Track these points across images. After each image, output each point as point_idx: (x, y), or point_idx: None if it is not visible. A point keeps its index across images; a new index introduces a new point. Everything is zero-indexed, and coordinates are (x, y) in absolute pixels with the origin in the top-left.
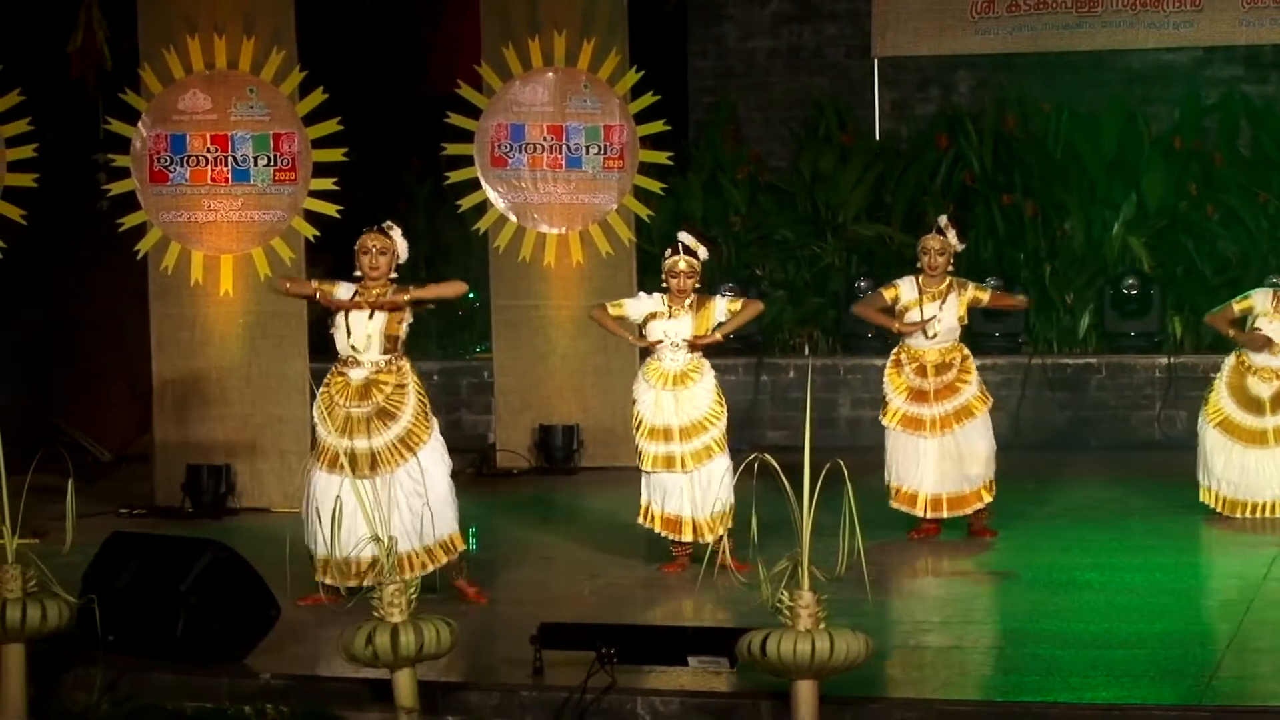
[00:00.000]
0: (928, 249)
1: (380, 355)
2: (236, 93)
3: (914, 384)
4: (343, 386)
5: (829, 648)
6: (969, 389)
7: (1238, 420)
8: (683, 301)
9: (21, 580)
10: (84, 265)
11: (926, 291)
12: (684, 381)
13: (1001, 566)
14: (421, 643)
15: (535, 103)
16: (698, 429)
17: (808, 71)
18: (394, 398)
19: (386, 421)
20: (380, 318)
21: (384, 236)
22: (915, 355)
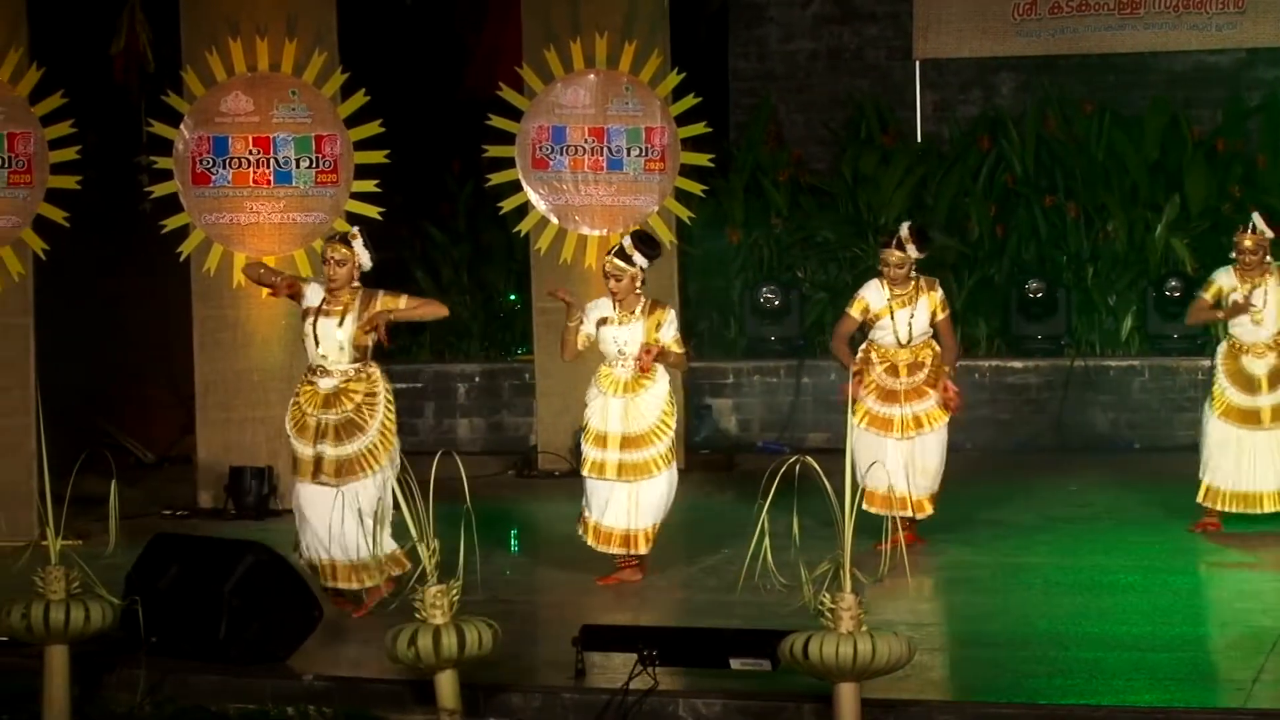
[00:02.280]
0: (887, 262)
1: (350, 364)
2: (278, 95)
3: (884, 383)
4: (311, 396)
5: (871, 650)
6: (932, 398)
7: (1238, 403)
8: (631, 308)
9: (65, 581)
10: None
11: (895, 298)
12: (635, 389)
13: (1044, 568)
14: (463, 644)
15: (576, 105)
16: (641, 441)
17: (849, 73)
18: (364, 409)
19: (353, 433)
20: (349, 326)
21: (343, 247)
22: (886, 355)
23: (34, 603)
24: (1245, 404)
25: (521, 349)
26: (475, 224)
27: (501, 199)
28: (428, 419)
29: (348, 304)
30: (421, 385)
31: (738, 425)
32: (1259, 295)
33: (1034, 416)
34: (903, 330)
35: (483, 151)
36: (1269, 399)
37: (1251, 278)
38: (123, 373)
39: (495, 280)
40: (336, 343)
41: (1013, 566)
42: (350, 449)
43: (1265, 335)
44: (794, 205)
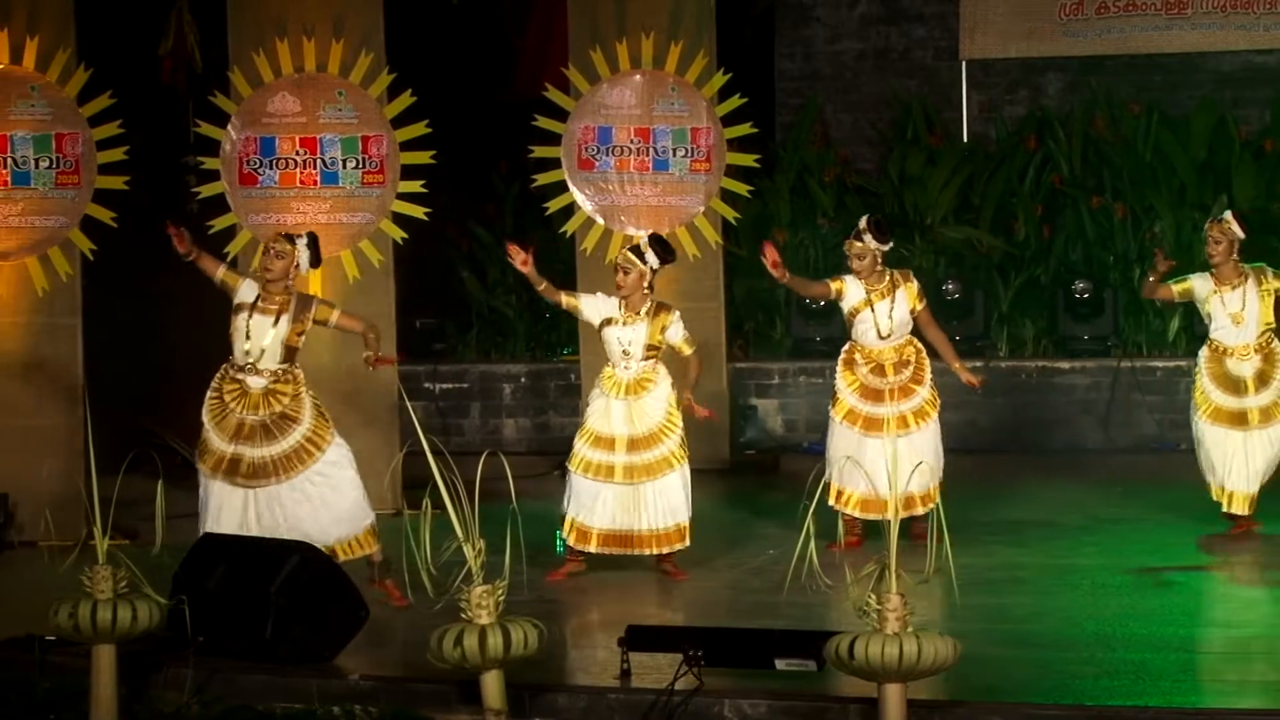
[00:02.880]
0: (849, 254)
1: (278, 364)
2: (325, 95)
3: (869, 383)
4: (238, 394)
5: (916, 651)
6: (923, 390)
7: (1226, 406)
8: (637, 308)
9: (112, 581)
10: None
11: (873, 291)
12: (637, 390)
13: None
14: (509, 645)
15: (622, 105)
16: (649, 441)
17: (895, 73)
18: (293, 406)
19: (290, 426)
20: (284, 327)
21: (286, 242)
22: (871, 355)
23: (82, 602)
24: (1233, 406)
25: (567, 349)
26: (521, 224)
27: (547, 199)
28: (474, 419)
29: (283, 304)
30: (467, 385)
31: (783, 426)
32: (1237, 298)
33: (1081, 417)
34: (883, 323)
35: (529, 152)
36: (1256, 400)
37: (1228, 280)
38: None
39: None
40: (266, 341)
41: (1059, 567)
42: (279, 448)
43: (1249, 338)
44: (840, 206)
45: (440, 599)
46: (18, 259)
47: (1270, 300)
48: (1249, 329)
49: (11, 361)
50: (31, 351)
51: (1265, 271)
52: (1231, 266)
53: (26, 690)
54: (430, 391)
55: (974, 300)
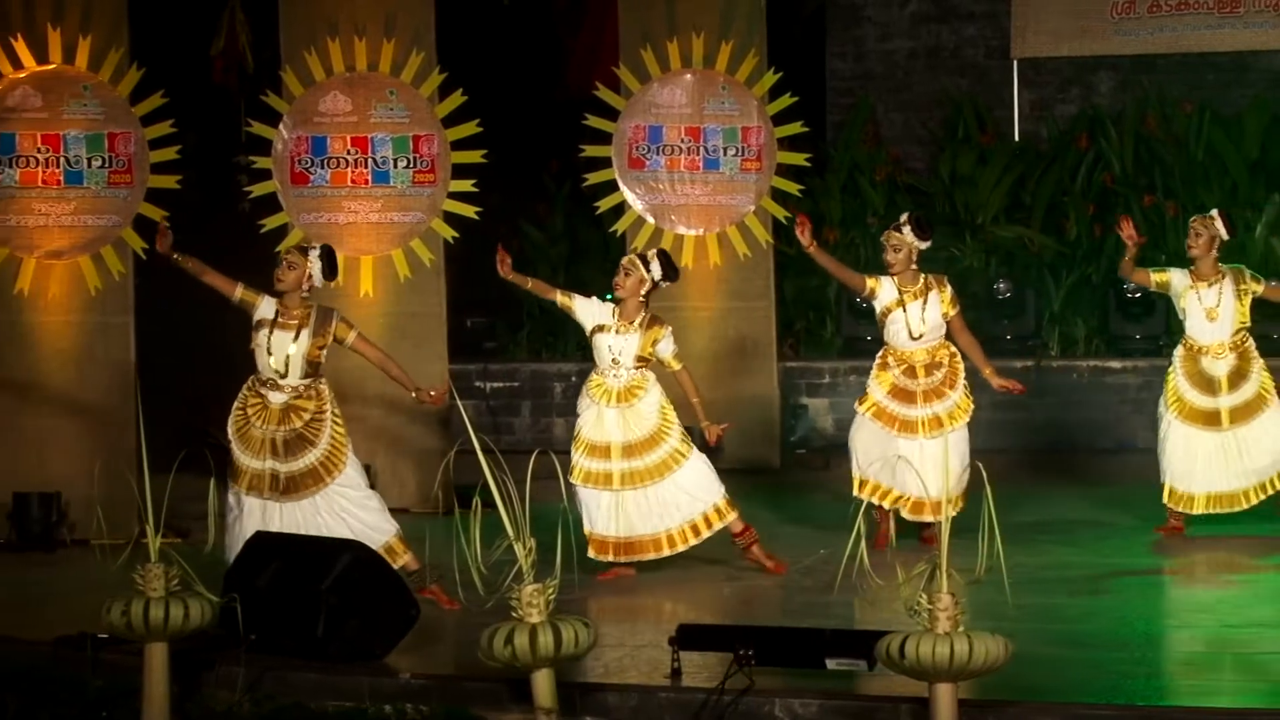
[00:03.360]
0: (885, 244)
1: (300, 379)
2: (376, 95)
3: (901, 384)
4: (260, 409)
5: (968, 650)
6: (955, 394)
7: (1198, 405)
8: (631, 318)
9: (165, 579)
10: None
11: (906, 291)
12: (628, 398)
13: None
14: (560, 643)
15: (673, 104)
16: (647, 444)
17: (946, 72)
18: (312, 426)
19: (305, 448)
20: (304, 341)
21: (298, 253)
22: (903, 357)
23: (134, 600)
24: (1205, 405)
25: None
26: (572, 223)
27: (598, 198)
28: (524, 418)
29: (303, 318)
30: (518, 384)
31: (834, 425)
32: (1213, 294)
33: (1133, 416)
34: (915, 324)
35: (579, 151)
36: (1229, 400)
37: (1205, 276)
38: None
39: (592, 279)
40: (287, 356)
41: (1111, 567)
42: (298, 465)
43: (1224, 336)
44: (891, 205)
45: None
46: (70, 258)
47: (1247, 300)
48: (1223, 327)
49: (64, 361)
50: (84, 350)
51: (1244, 272)
52: (1210, 263)
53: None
54: (481, 390)
55: (1025, 299)
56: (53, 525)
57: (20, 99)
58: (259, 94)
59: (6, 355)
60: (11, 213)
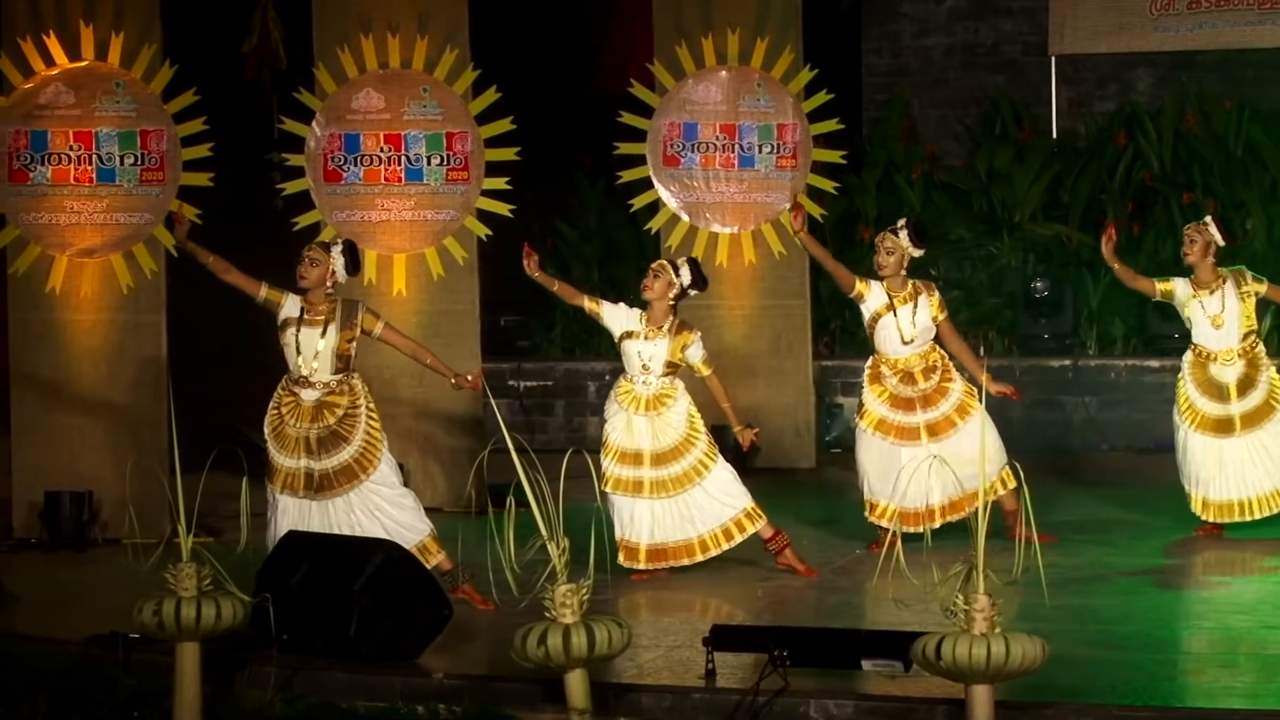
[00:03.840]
0: (878, 249)
1: (331, 375)
2: (410, 92)
3: (899, 393)
4: (293, 407)
5: (1005, 651)
6: (956, 389)
7: (1210, 413)
8: (660, 323)
9: (196, 579)
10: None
11: (895, 295)
12: (657, 406)
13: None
14: (593, 644)
15: (708, 101)
16: (674, 454)
17: (984, 69)
18: (346, 422)
19: (338, 445)
20: (332, 337)
21: (320, 250)
22: (896, 364)
23: (166, 600)
24: (1216, 413)
25: None
26: (606, 221)
27: (632, 196)
28: (558, 417)
29: (329, 314)
30: (551, 383)
31: None
32: (1216, 301)
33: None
34: (906, 328)
35: (614, 148)
36: (1239, 406)
37: (1206, 283)
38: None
39: (626, 278)
40: (316, 352)
41: (1149, 568)
42: (332, 462)
43: (1232, 342)
44: (927, 202)
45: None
46: (102, 256)
47: (1251, 302)
48: (1230, 332)
49: (96, 359)
50: (116, 348)
51: (1244, 274)
52: (1208, 269)
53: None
54: (514, 389)
55: (1063, 298)
56: (84, 524)
57: (52, 96)
58: (292, 91)
59: (38, 354)
60: (43, 210)
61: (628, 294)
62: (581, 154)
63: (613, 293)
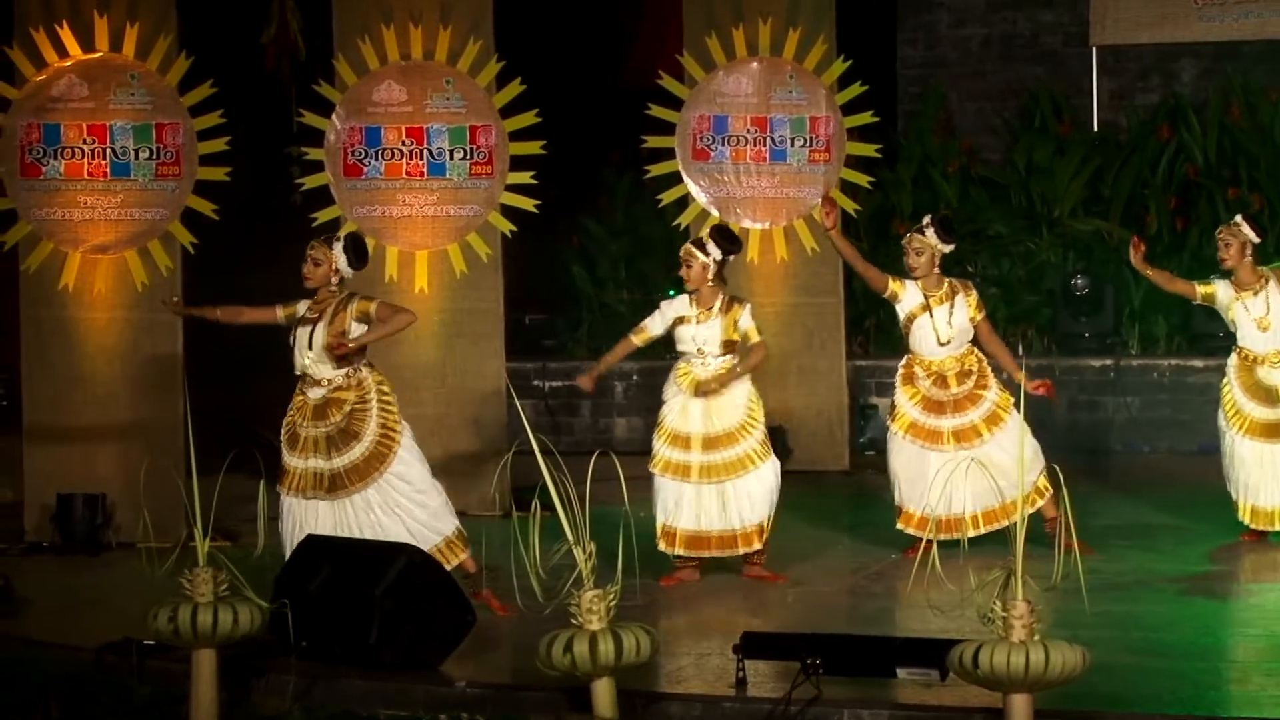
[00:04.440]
0: (907, 249)
1: (335, 370)
2: (432, 84)
3: (932, 395)
4: (301, 406)
5: (1044, 660)
6: (989, 397)
7: (1259, 418)
8: (709, 304)
9: (213, 584)
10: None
11: (931, 296)
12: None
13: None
14: (621, 651)
15: (739, 94)
16: (727, 440)
17: (1022, 60)
18: (356, 417)
19: (350, 442)
20: (320, 333)
21: (324, 246)
22: (931, 366)
23: (181, 605)
24: (1266, 417)
25: None
26: (634, 217)
27: (661, 191)
28: (584, 418)
29: (323, 310)
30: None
31: None
32: (1260, 303)
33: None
34: (943, 328)
35: (642, 142)
36: None
37: (1247, 285)
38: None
39: (654, 275)
40: (311, 349)
41: (1194, 573)
42: (344, 460)
43: (1278, 343)
44: (964, 197)
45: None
46: (117, 252)
47: None
48: (1277, 334)
49: (110, 358)
50: (131, 348)
51: None
52: (1248, 270)
53: (125, 696)
54: (539, 389)
55: (1104, 295)
56: (98, 528)
57: (66, 88)
58: (311, 83)
59: (51, 353)
60: (56, 206)
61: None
62: (609, 148)
63: (640, 288)
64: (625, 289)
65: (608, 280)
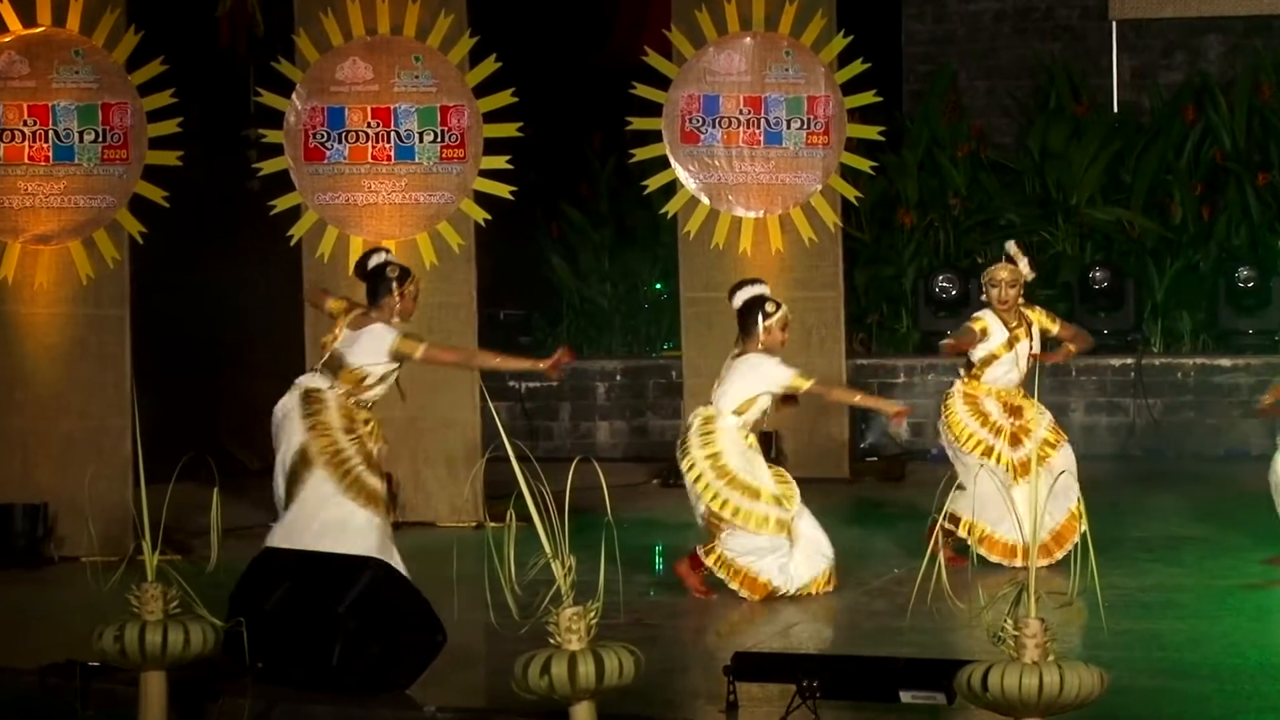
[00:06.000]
0: (996, 280)
1: None
2: (400, 61)
3: (998, 422)
4: None
5: (1058, 682)
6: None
7: None
8: None
9: (163, 601)
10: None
11: (1014, 329)
12: None
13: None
14: (602, 673)
15: (731, 72)
16: None
17: (1037, 36)
18: None
19: None
20: None
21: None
22: (1003, 395)
23: (129, 624)
24: None
25: (668, 344)
26: (618, 205)
27: (647, 177)
28: (564, 422)
29: None
30: (557, 384)
31: (908, 430)
32: None
33: (1244, 420)
34: (1023, 364)
35: (626, 124)
36: None
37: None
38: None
39: (639, 267)
40: None
41: (1221, 589)
42: None
43: None
44: (974, 184)
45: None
46: (60, 243)
47: None
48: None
49: (53, 357)
50: (75, 345)
51: None
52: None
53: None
54: (516, 391)
55: (1124, 290)
56: (39, 540)
57: (4, 66)
58: (270, 60)
59: None
60: None
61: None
62: (591, 130)
63: (624, 281)
64: (609, 282)
65: (590, 273)
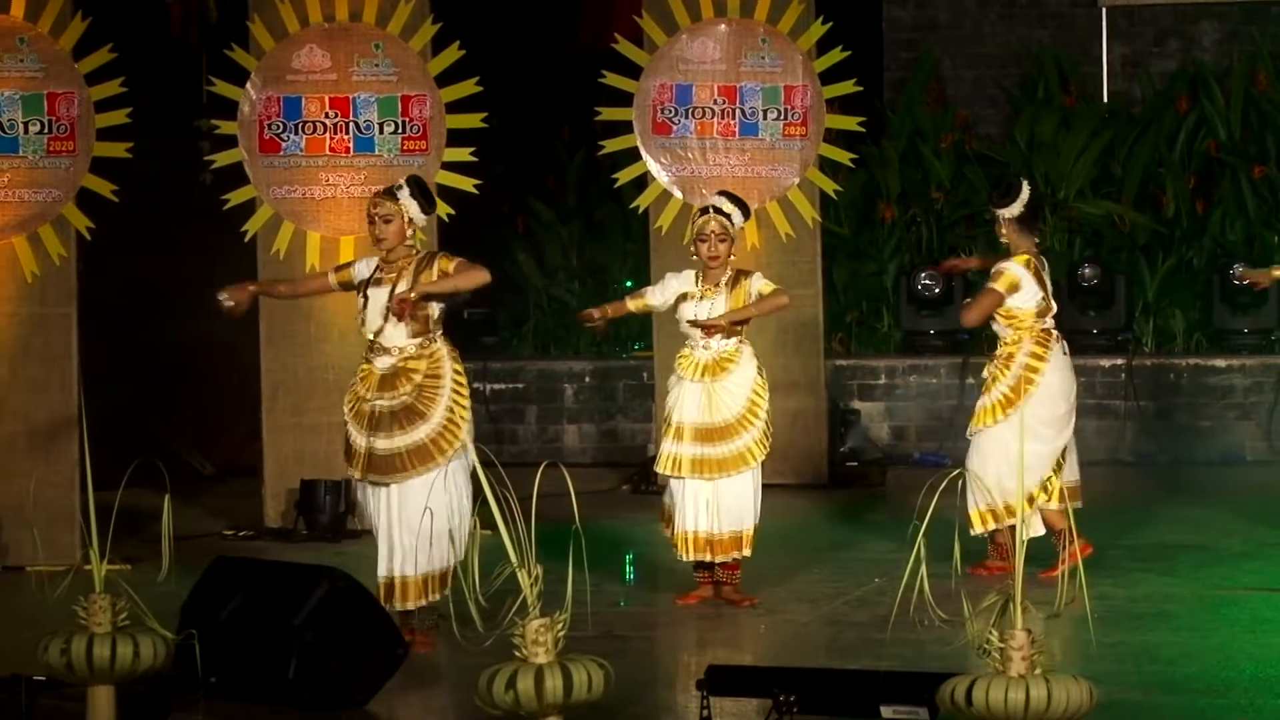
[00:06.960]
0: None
1: (409, 339)
2: (360, 49)
3: None
4: (368, 377)
5: (1046, 696)
6: None
7: None
8: (717, 279)
9: (111, 612)
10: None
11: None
12: (715, 371)
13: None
14: (570, 687)
15: (705, 60)
16: (728, 432)
17: (1024, 22)
18: (425, 394)
19: (413, 421)
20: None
21: (388, 200)
22: None
23: (76, 636)
24: None
25: (638, 344)
26: (586, 199)
27: (617, 169)
28: (530, 425)
29: (403, 269)
30: (523, 386)
31: (890, 433)
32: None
33: (1239, 423)
34: None
35: (596, 115)
36: None
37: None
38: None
39: (609, 263)
40: (381, 314)
41: (1215, 599)
42: (405, 440)
43: None
44: (958, 176)
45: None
46: (3, 239)
47: None
48: None
49: None
50: (19, 346)
51: None
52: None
53: None
54: (480, 393)
55: (1115, 287)
56: None
57: None
58: (223, 48)
59: None
60: None
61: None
62: (558, 121)
63: (593, 279)
64: (577, 279)
65: (557, 270)
